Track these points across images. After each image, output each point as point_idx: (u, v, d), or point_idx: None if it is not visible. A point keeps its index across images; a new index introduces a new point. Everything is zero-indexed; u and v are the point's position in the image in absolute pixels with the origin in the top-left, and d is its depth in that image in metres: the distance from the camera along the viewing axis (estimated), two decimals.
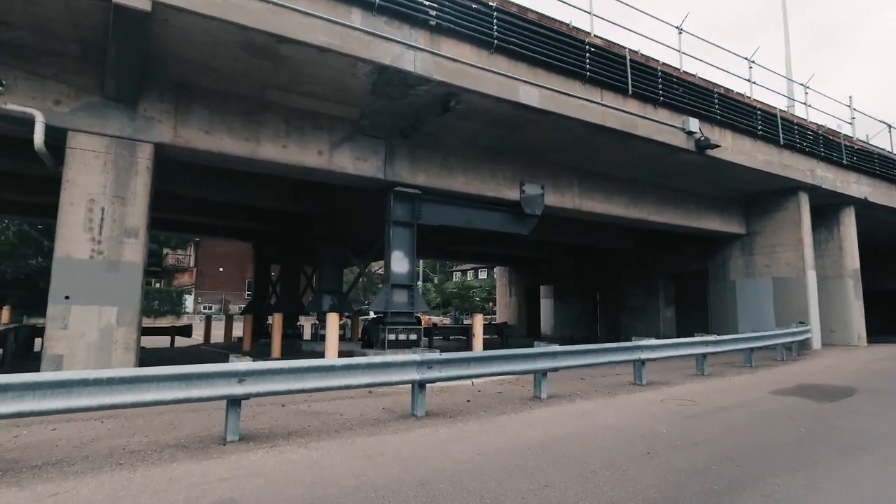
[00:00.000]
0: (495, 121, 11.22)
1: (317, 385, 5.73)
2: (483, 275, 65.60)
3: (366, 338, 12.79)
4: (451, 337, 22.17)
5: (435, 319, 47.96)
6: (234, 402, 5.37)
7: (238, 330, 19.35)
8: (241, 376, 5.33)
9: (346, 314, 17.04)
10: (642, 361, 8.92)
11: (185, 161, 10.02)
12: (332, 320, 9.79)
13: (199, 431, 5.83)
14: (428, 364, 6.43)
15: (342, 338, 14.98)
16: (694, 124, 13.10)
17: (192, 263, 52.45)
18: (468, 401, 7.63)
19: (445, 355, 6.65)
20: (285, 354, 13.14)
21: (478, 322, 12.06)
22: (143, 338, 21.36)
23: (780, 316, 16.86)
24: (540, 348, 7.40)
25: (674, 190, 16.18)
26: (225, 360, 5.68)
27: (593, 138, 12.31)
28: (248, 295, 36.11)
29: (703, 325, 22.73)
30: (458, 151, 12.22)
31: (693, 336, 10.31)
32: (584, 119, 11.19)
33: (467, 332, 18.82)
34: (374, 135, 11.09)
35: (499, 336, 22.33)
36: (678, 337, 22.40)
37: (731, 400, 7.74)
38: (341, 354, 11.05)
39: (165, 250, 54.37)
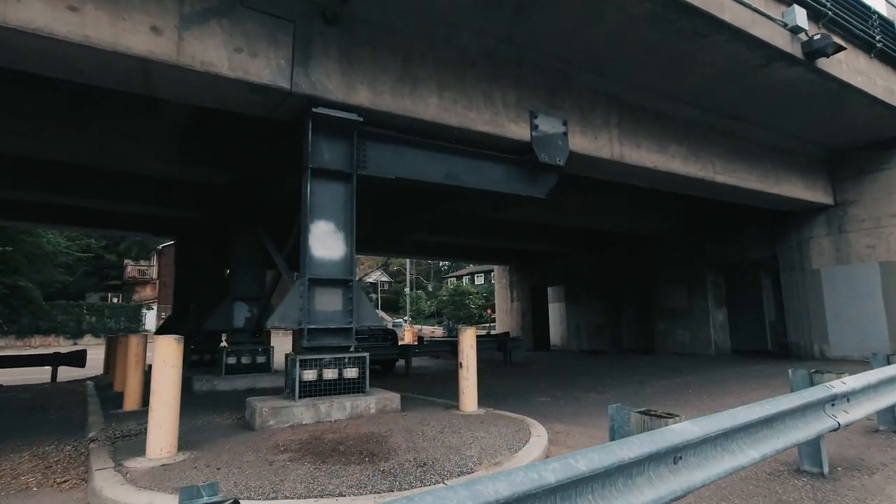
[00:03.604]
0: None
1: None
2: (480, 280, 60.66)
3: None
4: (439, 356, 17.13)
5: (427, 330, 42.86)
6: None
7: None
8: None
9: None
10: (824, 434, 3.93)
11: None
12: (167, 349, 4.79)
13: None
14: None
15: (264, 368, 9.89)
16: (800, 15, 8.28)
17: (154, 275, 47.24)
18: None
19: None
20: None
21: (468, 340, 7.04)
22: (10, 371, 16.33)
23: None
24: (635, 443, 2.42)
25: (746, 140, 11.32)
26: None
27: (647, 34, 7.46)
28: None
29: (760, 329, 17.87)
30: (427, 56, 7.32)
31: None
32: None
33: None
34: (271, 12, 6.17)
35: (500, 351, 17.20)
36: (733, 348, 17.70)
37: None
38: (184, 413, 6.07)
39: (126, 261, 49.47)
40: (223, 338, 12.84)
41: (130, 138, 8.61)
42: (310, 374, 6.00)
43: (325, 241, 6.52)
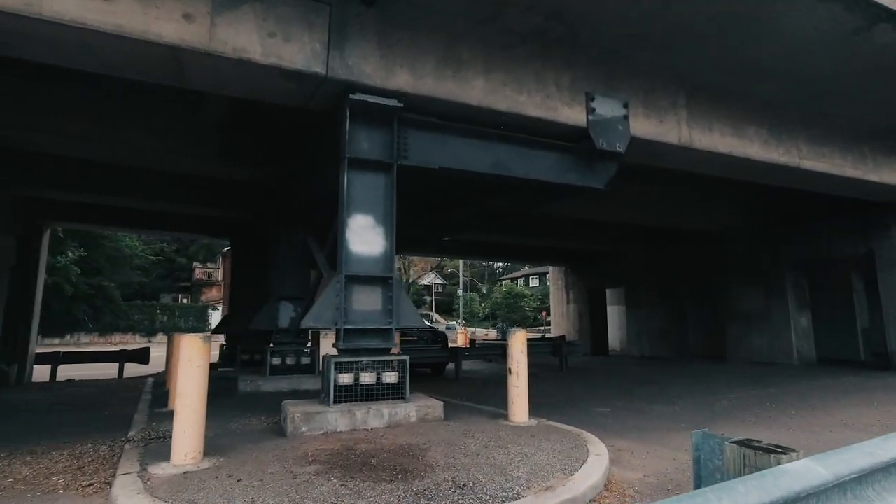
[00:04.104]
0: None
1: None
2: (535, 282, 59.33)
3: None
4: (491, 359, 16.49)
5: (480, 333, 42.22)
6: None
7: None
8: None
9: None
10: None
11: None
12: (192, 348, 4.48)
13: None
14: None
15: (308, 369, 9.65)
16: None
17: (220, 277, 49.47)
18: None
19: None
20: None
21: (518, 344, 6.39)
22: (82, 367, 17.20)
23: None
24: (739, 491, 1.77)
25: (838, 119, 9.94)
26: None
27: None
28: None
29: (850, 337, 15.92)
30: (471, 36, 6.79)
31: None
32: None
33: None
34: None
35: (555, 355, 16.32)
36: (819, 356, 15.90)
37: None
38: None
39: (194, 264, 52.21)
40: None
41: (170, 136, 8.64)
42: (346, 378, 5.60)
43: (364, 236, 6.13)
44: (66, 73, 7.55)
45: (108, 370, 15.58)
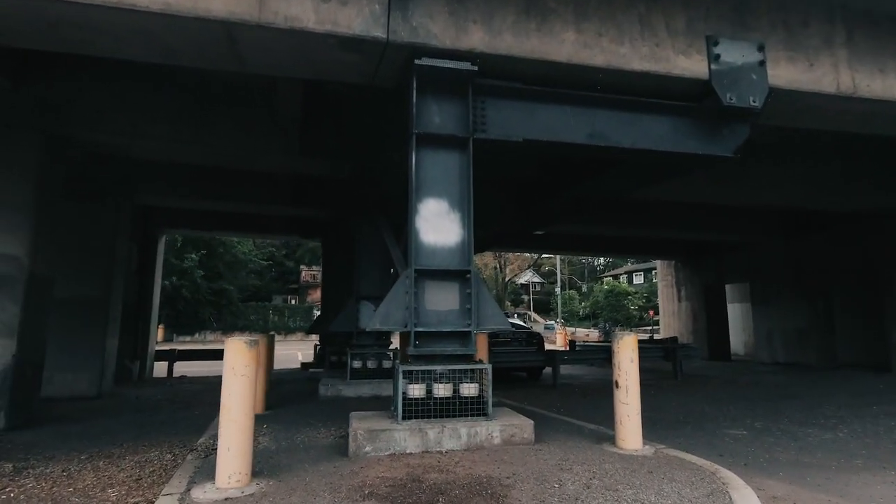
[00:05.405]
0: None
1: None
2: (640, 279, 55.26)
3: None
4: (593, 363, 14.94)
5: (580, 333, 39.92)
6: None
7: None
8: None
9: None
10: None
11: None
12: (235, 355, 3.93)
13: None
14: None
15: (391, 374, 9.02)
16: None
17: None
18: None
19: None
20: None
21: (627, 351, 5.11)
22: (195, 364, 18.22)
23: None
24: None
25: None
26: None
27: None
28: None
29: None
30: None
31: None
32: None
33: None
34: None
35: (667, 360, 14.31)
36: None
37: None
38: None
39: (301, 267, 55.53)
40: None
41: (252, 134, 8.46)
42: (416, 390, 4.78)
43: (436, 224, 5.28)
44: (155, 75, 7.65)
45: (219, 367, 16.50)
